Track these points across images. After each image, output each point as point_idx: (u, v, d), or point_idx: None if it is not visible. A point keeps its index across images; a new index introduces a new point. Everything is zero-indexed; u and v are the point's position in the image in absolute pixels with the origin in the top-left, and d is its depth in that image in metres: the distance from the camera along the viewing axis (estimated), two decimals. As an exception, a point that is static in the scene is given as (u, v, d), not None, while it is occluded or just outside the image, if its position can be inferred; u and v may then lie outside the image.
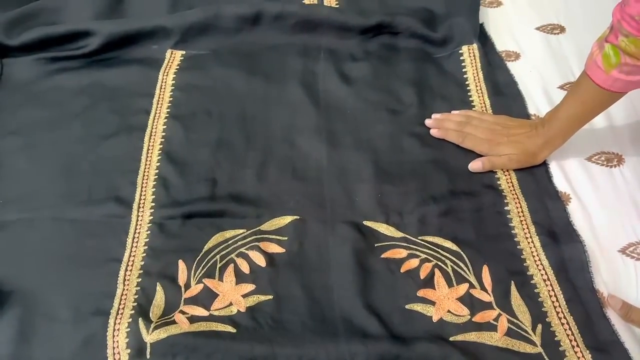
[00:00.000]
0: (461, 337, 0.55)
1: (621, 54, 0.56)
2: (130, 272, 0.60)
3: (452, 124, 0.72)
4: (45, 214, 0.65)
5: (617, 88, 0.59)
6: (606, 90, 0.59)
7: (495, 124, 0.71)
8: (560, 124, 0.65)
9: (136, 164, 0.69)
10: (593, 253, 0.61)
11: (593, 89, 0.60)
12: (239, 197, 0.66)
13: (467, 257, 0.61)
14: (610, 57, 0.57)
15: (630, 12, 0.54)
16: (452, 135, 0.71)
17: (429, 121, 0.73)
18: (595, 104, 0.63)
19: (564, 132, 0.66)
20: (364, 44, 0.84)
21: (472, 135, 0.70)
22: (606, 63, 0.58)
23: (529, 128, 0.68)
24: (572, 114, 0.64)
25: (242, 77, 0.79)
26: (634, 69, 0.57)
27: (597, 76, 0.59)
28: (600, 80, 0.59)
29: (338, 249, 0.61)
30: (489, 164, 0.68)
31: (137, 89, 0.78)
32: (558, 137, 0.66)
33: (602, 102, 0.62)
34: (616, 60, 0.57)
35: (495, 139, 0.69)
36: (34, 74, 0.81)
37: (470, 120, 0.71)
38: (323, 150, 0.71)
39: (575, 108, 0.64)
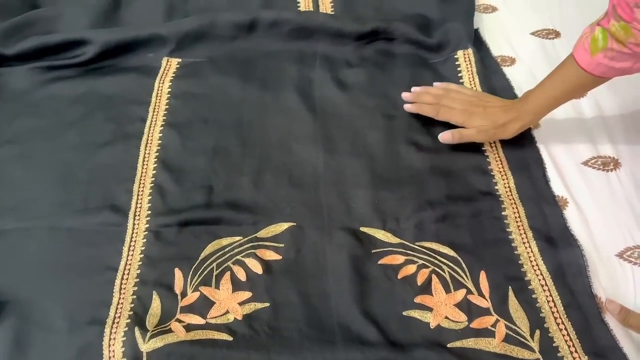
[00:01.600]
0: (459, 343, 0.55)
1: (609, 38, 0.57)
2: (126, 280, 0.60)
3: (428, 97, 0.73)
4: (41, 223, 0.65)
5: (598, 72, 0.59)
6: (588, 73, 0.60)
7: (473, 97, 0.72)
8: (536, 100, 0.66)
9: (132, 172, 0.69)
10: (591, 258, 0.61)
11: (576, 71, 0.61)
12: (236, 204, 0.66)
13: (465, 262, 0.60)
14: (598, 41, 0.58)
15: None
16: (426, 108, 0.72)
17: (406, 94, 0.75)
18: (575, 86, 0.64)
19: (538, 109, 0.67)
20: (360, 50, 0.84)
21: (447, 107, 0.71)
22: (593, 46, 0.58)
23: (506, 103, 0.70)
24: (550, 92, 0.65)
25: (238, 84, 0.79)
26: (618, 55, 0.57)
27: (582, 58, 0.60)
28: (584, 62, 0.60)
29: (335, 256, 0.61)
30: (458, 135, 0.69)
31: (133, 97, 0.78)
32: (531, 113, 0.67)
33: (582, 84, 0.63)
34: (603, 44, 0.57)
35: (470, 109, 0.69)
36: (30, 83, 0.80)
37: (448, 93, 0.72)
38: (319, 156, 0.70)
39: (554, 87, 0.65)
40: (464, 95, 0.72)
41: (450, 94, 0.72)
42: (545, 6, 0.91)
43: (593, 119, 0.74)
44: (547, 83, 0.66)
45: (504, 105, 0.69)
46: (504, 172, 0.69)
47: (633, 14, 0.54)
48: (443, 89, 0.74)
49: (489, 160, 0.70)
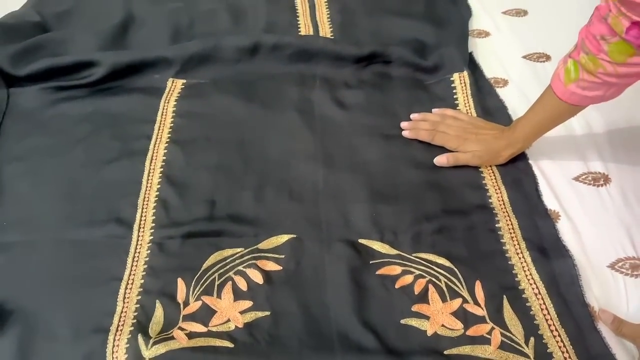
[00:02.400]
0: (455, 350, 0.56)
1: (580, 70, 0.60)
2: (130, 290, 0.61)
3: (426, 124, 0.77)
4: (47, 236, 0.66)
5: (573, 101, 0.63)
6: (564, 102, 0.64)
7: (468, 124, 0.76)
8: (523, 129, 0.70)
9: (137, 187, 0.71)
10: (583, 268, 0.62)
11: (554, 100, 0.65)
12: (237, 217, 0.68)
13: (460, 273, 0.62)
14: (570, 72, 0.62)
15: (593, 31, 0.57)
16: (423, 134, 0.76)
17: (404, 124, 0.78)
18: (555, 114, 0.67)
19: (526, 136, 0.71)
20: (358, 72, 0.87)
21: (443, 132, 0.75)
22: (567, 77, 0.62)
23: (498, 130, 0.74)
24: (535, 121, 0.69)
25: (241, 105, 0.82)
26: (590, 85, 0.61)
27: (557, 88, 0.64)
28: (559, 92, 0.64)
29: (334, 267, 0.63)
30: (453, 158, 0.73)
31: (139, 116, 0.81)
32: (520, 140, 0.71)
33: (561, 113, 0.67)
34: (575, 76, 0.61)
35: (464, 135, 0.74)
36: (39, 102, 0.83)
37: (445, 119, 0.76)
38: (319, 172, 0.73)
39: (538, 116, 0.69)
40: (459, 122, 0.76)
41: (447, 120, 0.76)
42: (536, 31, 0.95)
43: (583, 137, 0.77)
44: (533, 111, 0.70)
45: (495, 133, 0.73)
46: (497, 187, 0.71)
47: (599, 45, 0.57)
48: (440, 115, 0.78)
49: (484, 176, 0.72)
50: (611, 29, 0.55)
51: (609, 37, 0.56)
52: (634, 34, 0.54)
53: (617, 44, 0.56)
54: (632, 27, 0.53)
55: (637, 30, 0.53)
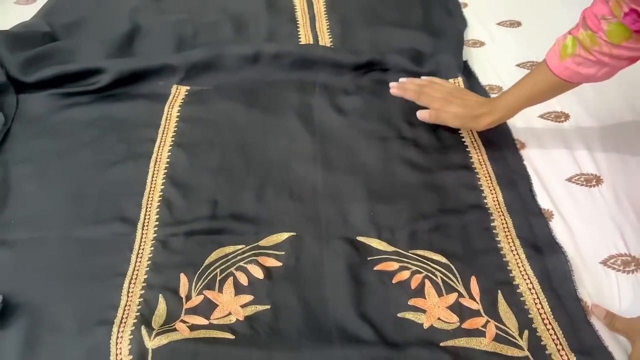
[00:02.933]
0: (451, 342, 0.57)
1: (577, 46, 0.63)
2: (134, 285, 0.63)
3: (412, 85, 0.80)
4: (53, 233, 0.68)
5: (565, 76, 0.65)
6: (556, 76, 0.66)
7: (454, 89, 0.78)
8: (509, 97, 0.72)
9: (141, 188, 0.73)
10: (576, 265, 0.64)
11: (546, 73, 0.67)
12: (239, 216, 0.70)
13: (456, 268, 0.64)
14: (567, 47, 0.64)
15: (595, 11, 0.61)
16: (409, 93, 0.79)
17: (393, 83, 0.81)
18: (544, 87, 0.69)
19: (510, 105, 0.72)
20: (357, 79, 0.90)
21: (429, 93, 0.77)
22: (563, 52, 0.65)
23: (482, 98, 0.77)
24: (522, 91, 0.71)
25: (242, 110, 0.85)
26: (584, 61, 0.63)
27: (552, 62, 0.66)
28: (553, 65, 0.66)
29: (332, 263, 0.64)
30: (435, 115, 0.76)
31: (144, 121, 0.83)
32: (503, 109, 0.73)
33: (550, 87, 0.69)
34: (572, 51, 0.64)
35: (449, 98, 0.76)
36: (48, 108, 0.86)
37: (432, 84, 0.79)
38: (318, 174, 0.75)
39: (526, 87, 0.71)
40: (446, 88, 0.79)
41: (434, 85, 0.79)
42: (529, 41, 0.98)
43: (576, 141, 0.79)
44: (521, 83, 0.72)
45: (480, 100, 0.76)
46: (492, 187, 0.73)
47: (600, 24, 0.60)
48: (427, 80, 0.81)
49: (479, 177, 0.74)
50: (611, 10, 0.58)
51: (609, 17, 0.59)
52: (630, 20, 0.57)
53: (616, 25, 0.59)
54: (630, 13, 0.56)
55: (634, 16, 0.56)
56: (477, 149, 0.78)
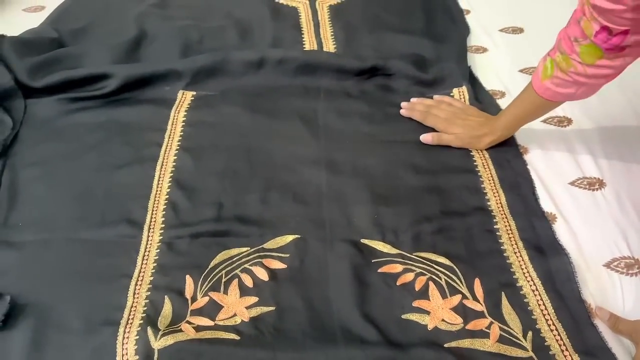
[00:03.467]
0: (455, 343, 0.57)
1: (555, 68, 0.66)
2: (139, 286, 0.63)
3: (421, 106, 0.84)
4: (60, 235, 0.69)
5: (547, 96, 0.69)
6: (539, 97, 0.69)
7: (459, 110, 0.82)
8: (504, 119, 0.77)
9: (147, 191, 0.74)
10: (579, 267, 0.64)
11: (532, 94, 0.71)
12: (244, 218, 0.70)
13: (460, 270, 0.64)
14: (547, 69, 0.67)
15: (569, 33, 0.63)
16: (417, 114, 0.83)
17: (404, 104, 0.85)
18: (532, 108, 0.73)
19: (506, 126, 0.77)
20: (360, 84, 0.91)
21: (434, 115, 0.82)
22: (544, 73, 0.68)
23: (484, 118, 0.80)
24: (515, 112, 0.75)
25: (247, 114, 0.85)
26: (562, 82, 0.66)
27: (535, 83, 0.69)
28: (536, 86, 0.69)
29: (337, 265, 0.65)
30: (437, 137, 0.80)
31: (150, 125, 0.84)
32: (500, 129, 0.77)
33: (537, 106, 0.72)
34: (550, 72, 0.66)
35: (452, 119, 0.80)
36: (55, 112, 0.87)
37: (439, 104, 0.84)
38: (322, 177, 0.75)
39: (517, 109, 0.75)
40: (452, 108, 0.83)
41: (441, 105, 0.83)
42: (531, 47, 0.98)
43: (579, 145, 0.79)
44: (513, 104, 0.76)
45: (482, 121, 0.79)
46: (495, 190, 0.73)
47: (572, 47, 0.62)
48: (436, 101, 0.85)
49: (482, 180, 0.75)
50: (583, 31, 0.59)
51: (581, 39, 0.61)
52: (602, 38, 0.58)
53: (587, 46, 0.60)
54: (601, 31, 0.58)
55: (604, 35, 0.58)
56: (481, 152, 0.79)
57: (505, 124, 0.77)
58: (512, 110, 0.76)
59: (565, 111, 0.85)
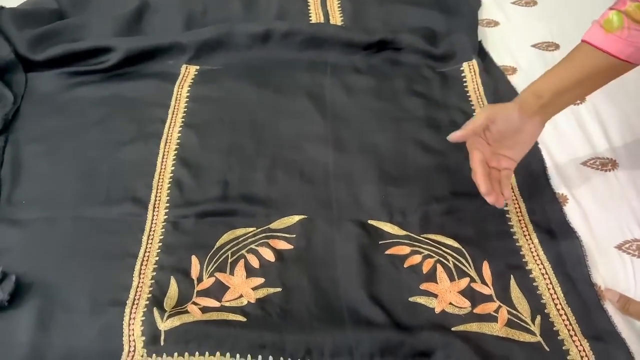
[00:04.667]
0: (463, 327, 0.57)
1: (625, 19, 0.55)
2: (145, 266, 0.63)
3: None
4: (65, 213, 0.68)
5: (615, 50, 0.56)
6: (603, 52, 0.56)
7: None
8: (535, 86, 0.60)
9: (152, 168, 0.73)
10: (590, 250, 0.63)
11: (589, 54, 0.58)
12: (250, 197, 0.69)
13: (468, 253, 0.63)
14: (612, 22, 0.56)
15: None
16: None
17: None
18: (589, 72, 0.58)
19: (554, 92, 0.59)
20: (368, 58, 0.88)
21: None
22: (608, 26, 0.56)
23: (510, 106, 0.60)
24: (554, 78, 0.60)
25: (253, 90, 0.84)
26: (636, 33, 0.55)
27: (595, 37, 0.57)
28: (598, 40, 0.57)
29: (344, 246, 0.64)
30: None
31: (153, 100, 0.82)
32: (533, 98, 0.59)
33: (601, 70, 0.58)
34: (619, 24, 0.56)
35: None
36: (57, 86, 0.85)
37: None
38: (329, 155, 0.74)
39: (567, 71, 0.59)
40: None
41: None
42: (545, 20, 0.95)
43: (592, 124, 0.77)
44: (556, 70, 0.60)
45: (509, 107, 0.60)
46: (506, 171, 0.72)
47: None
48: None
49: (492, 160, 0.73)
50: None
51: None
52: None
53: None
54: None
55: None
56: (491, 131, 0.77)
57: (541, 86, 0.59)
58: (560, 73, 0.60)
59: (578, 88, 0.82)
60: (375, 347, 0.54)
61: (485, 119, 0.59)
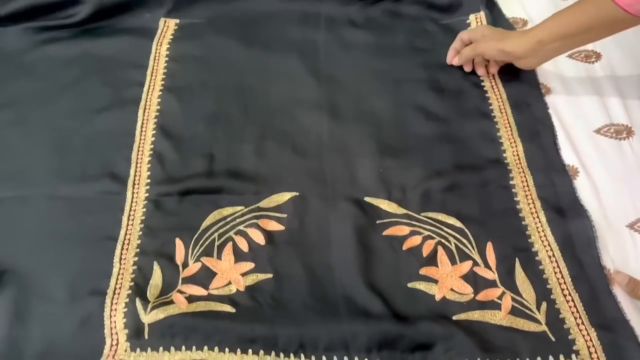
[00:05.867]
0: (464, 316, 0.54)
1: None
2: (126, 250, 0.59)
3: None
4: (39, 191, 0.63)
5: (625, 3, 0.55)
6: (613, 3, 0.55)
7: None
8: (540, 29, 0.63)
9: (130, 139, 0.68)
10: (600, 228, 0.59)
11: (600, 3, 0.57)
12: (237, 173, 0.64)
13: (471, 234, 0.59)
14: None
15: None
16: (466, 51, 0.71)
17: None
18: (596, 23, 0.59)
19: (552, 34, 0.63)
20: (365, 10, 0.80)
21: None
22: None
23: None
24: (566, 22, 0.61)
25: (239, 47, 0.76)
26: None
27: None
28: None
29: (339, 227, 0.60)
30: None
31: (129, 60, 0.75)
32: (543, 35, 0.63)
33: (608, 22, 0.58)
34: None
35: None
36: (24, 44, 0.78)
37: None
38: (324, 123, 0.68)
39: (569, 18, 0.61)
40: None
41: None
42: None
43: (607, 85, 0.71)
44: (563, 16, 0.61)
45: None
46: (513, 140, 0.66)
47: None
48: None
49: (498, 127, 0.68)
50: None
51: None
52: None
53: None
54: None
55: None
56: (498, 93, 0.71)
57: (552, 35, 0.62)
58: (567, 19, 0.61)
59: (594, 44, 0.75)
60: (373, 341, 0.52)
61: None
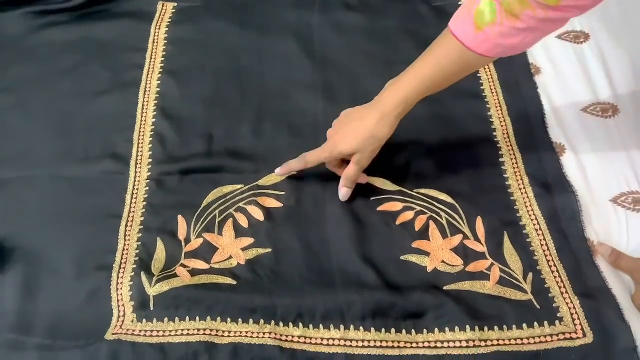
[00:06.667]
0: (454, 286, 0.57)
1: (498, 12, 0.49)
2: (130, 227, 0.61)
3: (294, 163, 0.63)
4: (42, 172, 0.65)
5: (483, 49, 0.52)
6: (470, 51, 0.52)
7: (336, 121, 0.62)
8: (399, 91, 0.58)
9: (131, 121, 0.69)
10: (585, 203, 0.62)
11: (455, 49, 0.53)
12: (236, 152, 0.66)
13: (462, 208, 0.62)
14: (484, 14, 0.50)
15: None
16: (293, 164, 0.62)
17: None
18: (452, 68, 0.55)
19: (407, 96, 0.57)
20: (359, -9, 0.82)
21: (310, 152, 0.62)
22: (478, 20, 0.50)
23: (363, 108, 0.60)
24: (421, 79, 0.56)
25: (235, 31, 0.78)
26: (509, 30, 0.49)
27: (463, 33, 0.52)
28: (465, 37, 0.52)
29: (334, 203, 0.62)
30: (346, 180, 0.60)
31: (128, 43, 0.77)
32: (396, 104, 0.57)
33: (462, 65, 0.55)
34: (490, 18, 0.50)
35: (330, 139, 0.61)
36: (23, 28, 0.79)
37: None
38: (319, 104, 0.70)
39: (427, 69, 0.56)
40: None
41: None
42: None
43: (594, 65, 0.74)
44: (415, 69, 0.57)
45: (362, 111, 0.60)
46: (502, 119, 0.69)
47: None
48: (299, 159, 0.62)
49: (489, 107, 0.70)
50: None
51: None
52: None
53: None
54: None
55: None
56: (489, 74, 0.73)
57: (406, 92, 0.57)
58: (415, 76, 0.56)
59: (582, 25, 0.77)
60: (367, 309, 0.54)
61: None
